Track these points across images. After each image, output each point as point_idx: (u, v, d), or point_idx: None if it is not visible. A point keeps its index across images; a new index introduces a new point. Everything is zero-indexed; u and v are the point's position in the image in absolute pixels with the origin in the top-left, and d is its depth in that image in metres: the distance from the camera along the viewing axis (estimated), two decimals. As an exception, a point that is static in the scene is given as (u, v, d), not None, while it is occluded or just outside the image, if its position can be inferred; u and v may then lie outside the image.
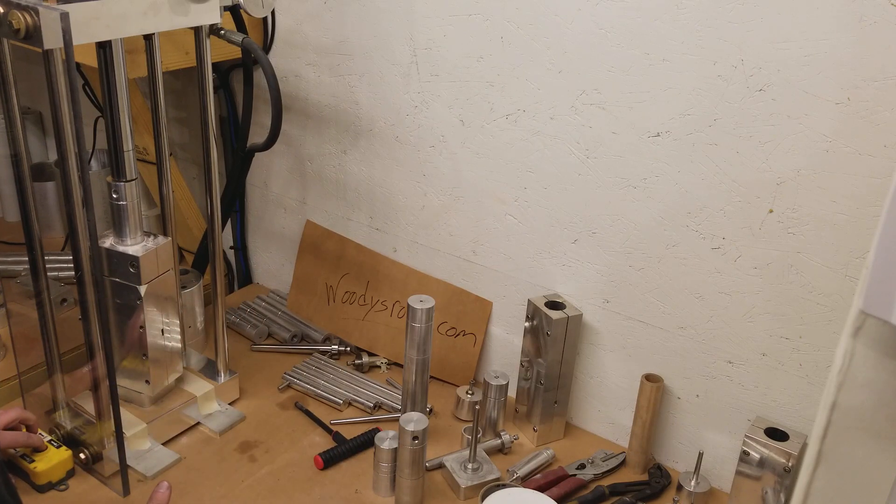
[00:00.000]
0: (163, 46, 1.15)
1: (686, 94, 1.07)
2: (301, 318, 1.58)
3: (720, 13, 1.01)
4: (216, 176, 1.23)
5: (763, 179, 1.05)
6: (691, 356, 1.19)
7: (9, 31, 0.90)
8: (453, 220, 1.38)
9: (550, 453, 1.26)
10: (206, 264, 1.56)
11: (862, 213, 0.99)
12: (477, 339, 1.41)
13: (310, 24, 1.42)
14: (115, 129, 1.11)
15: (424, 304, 1.20)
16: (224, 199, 1.53)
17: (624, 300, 1.23)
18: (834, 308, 1.05)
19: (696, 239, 1.13)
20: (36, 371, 1.29)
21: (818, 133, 0.99)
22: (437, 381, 1.42)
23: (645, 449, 1.24)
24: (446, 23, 1.25)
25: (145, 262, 1.15)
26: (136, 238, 1.17)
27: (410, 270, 1.46)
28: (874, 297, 0.48)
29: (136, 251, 1.15)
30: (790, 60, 0.98)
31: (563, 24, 1.14)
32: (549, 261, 1.29)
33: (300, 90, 1.48)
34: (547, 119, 1.20)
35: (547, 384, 1.26)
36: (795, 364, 1.11)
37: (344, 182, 1.50)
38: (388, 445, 1.15)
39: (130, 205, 1.16)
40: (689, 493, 1.16)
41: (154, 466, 1.19)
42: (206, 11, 1.10)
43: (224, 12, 1.15)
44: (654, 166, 1.13)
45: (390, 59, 1.34)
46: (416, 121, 1.35)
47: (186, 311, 1.39)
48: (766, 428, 1.10)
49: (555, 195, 1.24)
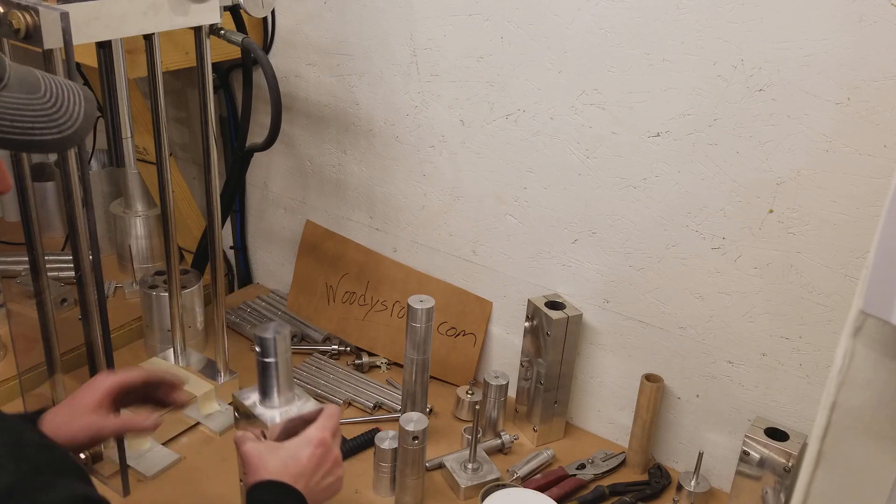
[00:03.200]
0: (163, 46, 1.15)
1: (686, 94, 1.07)
2: (301, 318, 1.58)
3: (720, 13, 1.01)
4: (216, 176, 1.23)
5: (763, 179, 1.05)
6: (691, 356, 1.19)
7: (9, 31, 0.90)
8: (453, 220, 1.38)
9: (550, 453, 1.26)
10: (205, 264, 1.56)
11: (862, 213, 0.99)
12: (477, 339, 1.41)
13: (310, 24, 1.42)
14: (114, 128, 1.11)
15: (424, 304, 1.20)
16: (223, 199, 1.53)
17: (624, 300, 1.23)
18: (834, 308, 1.05)
19: (696, 239, 1.13)
20: (36, 371, 1.29)
21: (818, 133, 0.99)
22: (437, 381, 1.42)
23: (645, 449, 1.24)
24: (446, 22, 1.25)
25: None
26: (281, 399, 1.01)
27: (410, 270, 1.46)
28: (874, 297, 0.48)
29: (272, 416, 0.99)
30: (790, 60, 0.98)
31: (563, 24, 1.14)
32: (549, 261, 1.29)
33: (300, 90, 1.48)
34: (547, 119, 1.20)
35: (547, 384, 1.26)
36: (795, 364, 1.11)
37: (344, 182, 1.50)
38: (388, 445, 1.15)
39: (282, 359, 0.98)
40: (689, 493, 1.16)
41: (154, 466, 1.20)
42: (206, 11, 1.10)
43: (224, 12, 1.15)
44: (654, 166, 1.13)
45: (390, 59, 1.34)
46: (416, 121, 1.35)
47: (186, 311, 1.39)
48: (766, 428, 1.10)
49: (555, 195, 1.24)
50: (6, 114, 0.62)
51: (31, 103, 0.64)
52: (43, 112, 0.65)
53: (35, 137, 0.64)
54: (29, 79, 0.66)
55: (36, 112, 0.64)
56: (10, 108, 0.63)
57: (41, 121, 0.64)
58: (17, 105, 0.63)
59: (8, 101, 0.63)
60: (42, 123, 0.64)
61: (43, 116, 0.65)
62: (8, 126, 0.62)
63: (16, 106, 0.63)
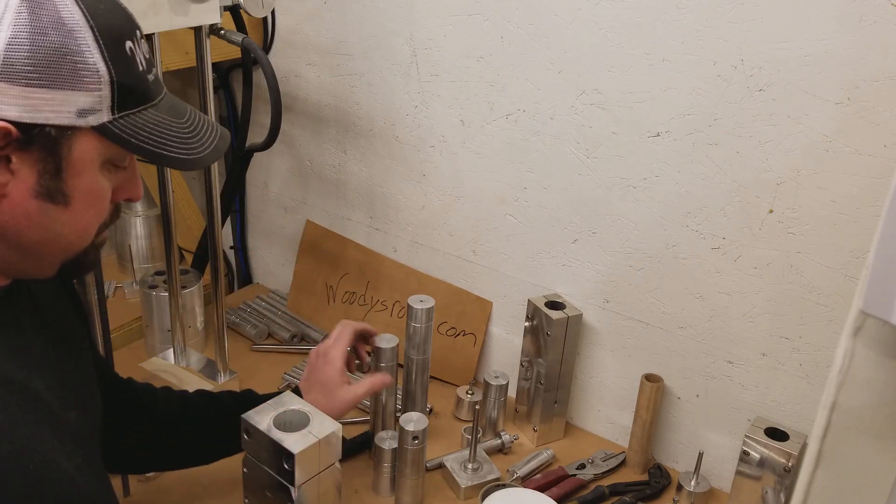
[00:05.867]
0: (163, 46, 1.14)
1: (686, 94, 1.07)
2: (301, 318, 1.58)
3: (720, 13, 1.01)
4: (216, 176, 1.23)
5: (763, 179, 1.05)
6: (691, 356, 1.19)
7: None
8: (453, 220, 1.38)
9: (550, 453, 1.26)
10: (205, 264, 1.56)
11: (862, 213, 0.99)
12: (477, 339, 1.41)
13: (310, 24, 1.42)
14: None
15: (424, 304, 1.20)
16: (223, 199, 1.53)
17: (624, 300, 1.23)
18: (834, 308, 1.05)
19: (696, 239, 1.13)
20: (36, 371, 1.28)
21: (818, 133, 0.99)
22: (437, 381, 1.42)
23: (645, 449, 1.24)
24: (446, 22, 1.25)
25: (302, 459, 0.92)
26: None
27: (410, 270, 1.46)
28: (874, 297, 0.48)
29: (293, 443, 0.92)
30: (790, 60, 0.98)
31: (563, 24, 1.14)
32: (549, 261, 1.29)
33: (300, 90, 1.48)
34: (547, 119, 1.20)
35: (547, 384, 1.26)
36: (795, 364, 1.11)
37: (344, 182, 1.50)
38: (388, 445, 1.15)
39: None
40: (689, 493, 1.16)
41: (154, 466, 1.19)
42: (206, 11, 1.10)
43: (224, 12, 1.15)
44: (654, 166, 1.13)
45: (390, 59, 1.34)
46: (416, 121, 1.35)
47: (186, 311, 1.39)
48: (766, 428, 1.10)
49: (555, 195, 1.24)
50: (147, 126, 0.70)
51: (171, 124, 0.73)
52: (180, 135, 0.73)
53: (165, 152, 0.71)
54: (178, 107, 0.76)
55: (173, 133, 0.72)
56: (154, 123, 0.71)
57: (176, 140, 0.72)
58: (160, 123, 0.72)
59: (154, 117, 0.71)
60: (175, 143, 0.72)
61: (178, 138, 0.73)
62: (146, 137, 0.70)
63: (159, 123, 0.71)
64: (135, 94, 0.70)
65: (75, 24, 0.65)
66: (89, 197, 0.71)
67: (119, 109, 0.68)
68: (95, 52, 0.66)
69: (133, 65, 0.69)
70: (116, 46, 0.67)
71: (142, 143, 0.70)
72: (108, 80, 0.67)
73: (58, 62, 0.64)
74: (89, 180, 0.70)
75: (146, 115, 0.71)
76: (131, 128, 0.69)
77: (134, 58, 0.69)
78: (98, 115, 0.67)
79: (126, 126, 0.69)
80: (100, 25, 0.66)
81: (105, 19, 0.67)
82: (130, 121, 0.69)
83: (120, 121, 0.69)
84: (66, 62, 0.64)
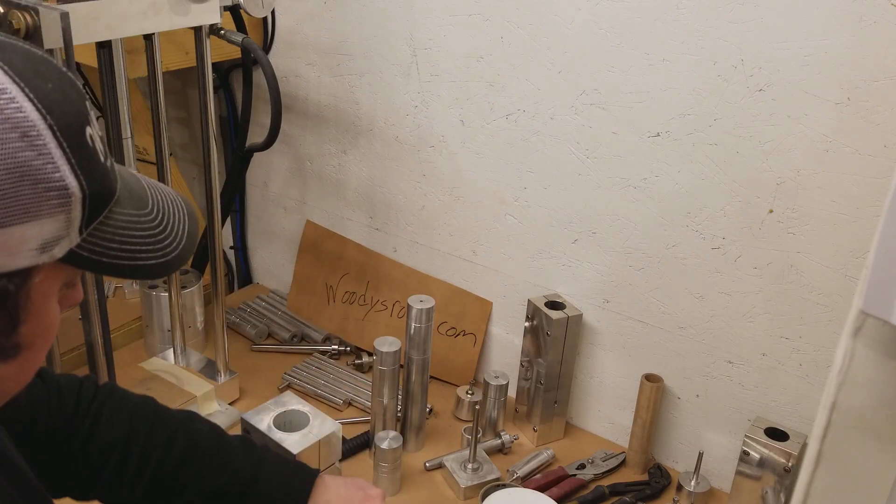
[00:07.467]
0: (163, 46, 1.14)
1: (686, 94, 1.07)
2: (301, 318, 1.58)
3: (720, 13, 1.01)
4: (216, 176, 1.23)
5: (763, 179, 1.05)
6: (691, 356, 1.19)
7: (9, 31, 0.90)
8: (453, 220, 1.38)
9: (550, 453, 1.26)
10: (205, 264, 1.56)
11: (862, 213, 0.99)
12: (477, 339, 1.41)
13: (310, 24, 1.42)
14: (114, 128, 1.11)
15: (424, 304, 1.20)
16: (223, 199, 1.53)
17: (624, 300, 1.23)
18: (834, 308, 1.05)
19: (696, 239, 1.13)
20: (36, 371, 1.28)
21: (818, 133, 0.99)
22: (437, 381, 1.42)
23: (645, 449, 1.24)
24: (446, 22, 1.25)
25: (302, 459, 0.91)
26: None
27: (410, 270, 1.46)
28: (874, 297, 0.48)
29: (294, 443, 0.90)
30: (790, 60, 0.98)
31: (563, 24, 1.14)
32: (549, 261, 1.29)
33: (300, 90, 1.48)
34: (547, 119, 1.20)
35: (547, 384, 1.26)
36: (795, 364, 1.11)
37: (344, 182, 1.50)
38: (388, 445, 1.15)
39: None
40: (689, 493, 1.16)
41: (154, 466, 1.19)
42: (206, 11, 1.10)
43: (224, 12, 1.15)
44: (654, 166, 1.13)
45: (390, 59, 1.34)
46: (416, 121, 1.35)
47: (186, 312, 1.39)
48: (766, 428, 1.10)
49: (555, 195, 1.24)
50: (117, 235, 0.55)
51: (139, 221, 0.57)
52: (150, 232, 0.58)
53: (140, 262, 0.57)
54: (136, 190, 0.60)
55: (144, 232, 0.57)
56: (122, 226, 0.56)
57: (148, 242, 0.57)
58: (128, 224, 0.56)
59: (121, 218, 0.56)
60: (149, 246, 0.57)
61: (150, 237, 0.58)
62: (117, 250, 0.55)
63: (127, 225, 0.56)
64: (102, 198, 0.54)
65: (29, 125, 0.47)
66: (44, 336, 0.57)
67: (87, 225, 0.53)
68: (61, 162, 0.49)
69: (96, 159, 0.53)
70: (80, 143, 0.50)
71: (114, 261, 0.55)
72: (79, 197, 0.51)
73: (12, 189, 0.47)
74: (46, 319, 0.56)
75: (113, 219, 0.55)
76: (101, 244, 0.54)
77: (94, 147, 0.53)
78: (65, 242, 0.52)
79: (95, 244, 0.54)
80: (57, 118, 0.49)
81: (60, 107, 0.49)
82: (98, 234, 0.54)
83: (88, 240, 0.54)
84: (24, 185, 0.47)
